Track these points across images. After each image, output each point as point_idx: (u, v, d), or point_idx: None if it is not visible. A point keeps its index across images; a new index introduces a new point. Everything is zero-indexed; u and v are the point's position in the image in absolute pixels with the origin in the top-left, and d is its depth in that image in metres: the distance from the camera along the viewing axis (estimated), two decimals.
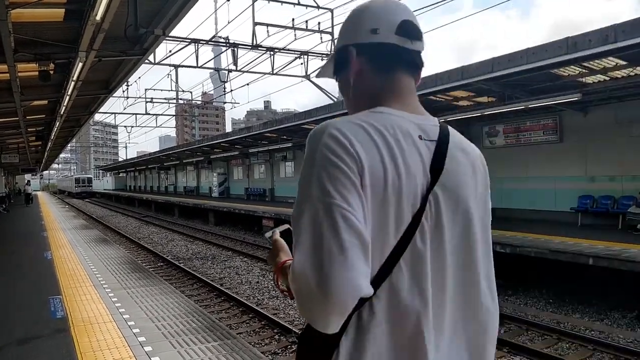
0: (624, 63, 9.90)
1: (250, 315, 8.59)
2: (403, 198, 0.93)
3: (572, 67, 10.33)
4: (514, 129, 14.45)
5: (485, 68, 10.90)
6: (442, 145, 1.02)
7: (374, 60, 1.07)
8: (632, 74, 10.43)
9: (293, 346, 7.02)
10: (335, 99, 20.89)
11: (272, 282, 11.12)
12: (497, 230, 11.41)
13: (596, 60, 9.77)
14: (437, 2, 13.33)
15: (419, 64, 1.10)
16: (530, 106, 11.75)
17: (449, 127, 1.08)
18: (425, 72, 1.14)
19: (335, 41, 1.18)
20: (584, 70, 10.52)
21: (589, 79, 11.08)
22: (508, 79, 11.07)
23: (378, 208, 0.91)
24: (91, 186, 71.29)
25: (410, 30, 1.06)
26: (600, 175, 12.32)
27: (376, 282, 0.91)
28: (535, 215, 13.67)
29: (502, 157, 14.88)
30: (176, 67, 20.98)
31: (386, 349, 0.92)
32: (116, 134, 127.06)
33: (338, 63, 1.14)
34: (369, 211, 0.89)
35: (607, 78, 10.90)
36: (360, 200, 0.88)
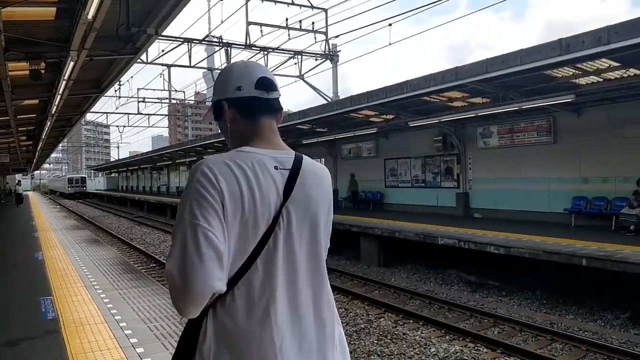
0: (617, 64, 9.94)
1: None
2: (258, 216, 1.23)
3: (565, 68, 10.36)
4: (508, 130, 14.48)
5: (479, 69, 10.91)
6: (294, 172, 1.32)
7: (241, 110, 1.39)
8: (625, 75, 10.47)
9: None
10: (330, 99, 20.87)
11: None
12: (491, 231, 11.43)
13: (589, 62, 9.80)
14: (431, 3, 13.34)
15: (277, 108, 1.43)
16: (524, 107, 11.77)
17: (304, 157, 1.39)
18: (419, 73, 1.14)
19: (328, 43, 1.42)
20: (577, 72, 10.56)
21: (583, 80, 11.12)
22: (502, 80, 11.08)
23: (239, 224, 1.22)
24: (85, 186, 68.61)
25: (266, 84, 1.39)
26: (594, 177, 12.36)
27: (238, 276, 1.23)
28: (529, 216, 13.68)
29: (496, 158, 14.92)
30: (169, 66, 20.90)
31: (242, 326, 1.22)
32: (108, 133, 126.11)
33: (216, 112, 1.45)
34: (230, 228, 1.20)
35: (601, 79, 10.94)
36: (220, 223, 1.18)
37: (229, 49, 18.95)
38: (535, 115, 13.52)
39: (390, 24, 15.89)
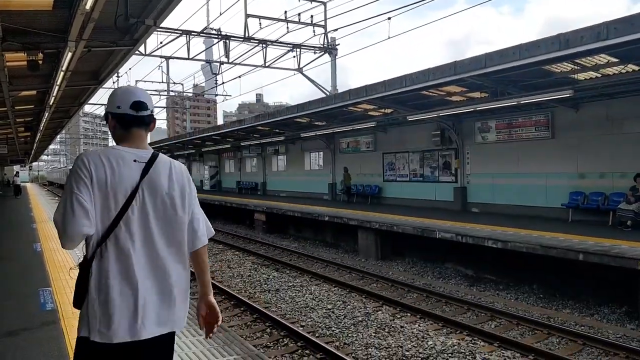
0: (616, 60, 9.95)
1: (242, 309, 8.56)
2: (117, 191, 1.86)
3: (564, 63, 10.36)
4: (506, 125, 14.48)
5: (477, 63, 10.89)
6: (149, 164, 1.95)
7: (119, 122, 2.02)
8: (623, 71, 10.48)
9: (285, 339, 7.01)
10: (328, 92, 20.83)
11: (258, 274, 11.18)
12: (489, 225, 11.45)
13: (588, 57, 9.81)
14: None
15: (146, 122, 2.04)
16: (522, 102, 11.78)
17: (159, 154, 2.01)
18: (418, 67, 1.16)
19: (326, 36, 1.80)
20: (576, 67, 10.56)
21: (581, 76, 11.12)
22: (500, 75, 11.07)
23: (102, 195, 1.85)
24: None
25: (138, 106, 2.00)
26: (591, 172, 12.39)
27: (108, 232, 1.85)
28: (526, 210, 13.73)
29: (494, 153, 14.94)
30: (167, 58, 20.82)
31: (114, 265, 1.86)
32: (106, 125, 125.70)
33: (105, 120, 2.09)
34: (96, 197, 1.84)
35: (599, 75, 10.94)
36: (88, 192, 1.82)
37: (227, 41, 18.89)
38: (533, 110, 13.53)
39: (389, 18, 15.82)
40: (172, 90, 31.35)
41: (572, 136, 12.76)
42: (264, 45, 19.47)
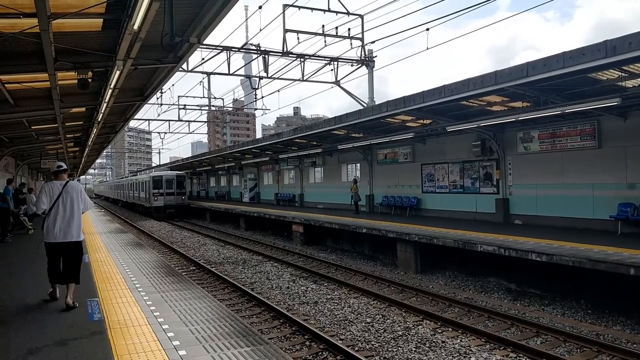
0: None
1: (281, 321, 8.60)
2: (53, 196, 6.50)
3: (611, 70, 10.04)
4: (549, 135, 14.11)
5: (519, 72, 10.68)
6: (66, 185, 6.60)
7: (55, 173, 6.93)
8: None
9: (324, 353, 6.99)
10: (365, 104, 20.84)
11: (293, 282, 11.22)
12: (532, 238, 11.14)
13: (637, 64, 9.47)
14: (469, 7, 13.17)
15: (62, 172, 6.80)
16: (566, 111, 11.45)
17: (69, 180, 6.78)
18: (458, 75, 1.17)
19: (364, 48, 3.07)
20: (623, 74, 10.21)
21: (629, 83, 10.74)
22: (544, 84, 10.82)
23: (49, 197, 6.50)
24: (184, 193, 37.46)
25: (60, 166, 6.87)
26: None
27: (50, 208, 6.45)
28: (572, 223, 13.28)
29: (537, 164, 14.56)
30: (208, 74, 21.32)
31: (51, 217, 6.45)
32: (150, 139, 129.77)
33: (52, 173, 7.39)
34: (48, 198, 6.48)
35: None
36: (46, 197, 6.50)
37: (266, 56, 19.21)
38: (578, 119, 13.14)
39: (427, 29, 15.76)
40: (213, 105, 32.05)
41: (620, 145, 12.31)
42: (302, 59, 19.70)
